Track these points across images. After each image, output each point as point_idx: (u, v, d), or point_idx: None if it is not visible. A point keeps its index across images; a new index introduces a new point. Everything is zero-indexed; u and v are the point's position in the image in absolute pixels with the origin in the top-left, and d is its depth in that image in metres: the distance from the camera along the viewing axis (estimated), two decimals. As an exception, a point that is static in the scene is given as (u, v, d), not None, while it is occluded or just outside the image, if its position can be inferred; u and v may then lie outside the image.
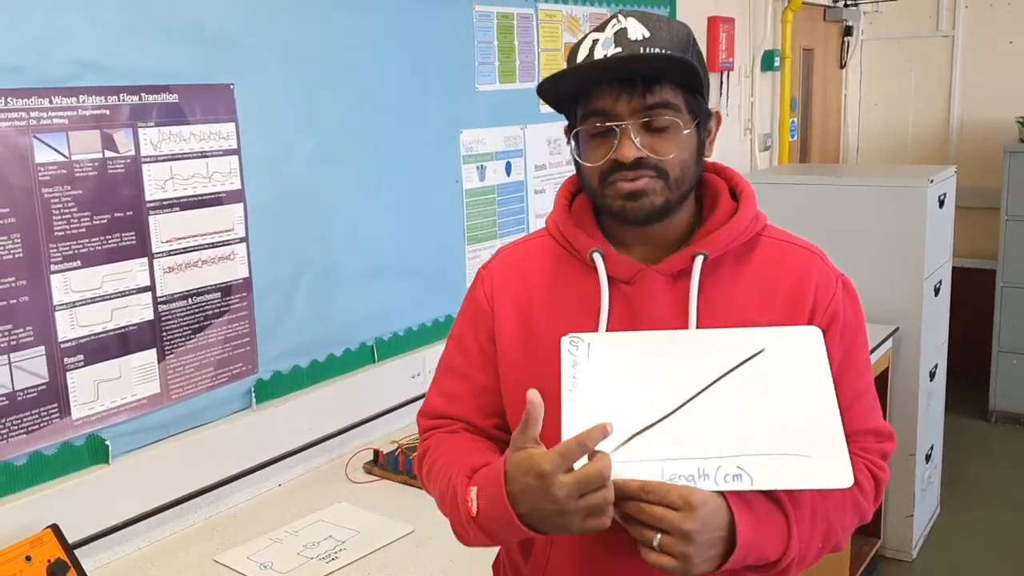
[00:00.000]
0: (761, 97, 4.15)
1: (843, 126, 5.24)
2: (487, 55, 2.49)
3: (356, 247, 2.15)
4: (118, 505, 1.68)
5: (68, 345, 1.61)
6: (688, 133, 1.13)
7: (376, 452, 2.05)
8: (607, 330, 1.15)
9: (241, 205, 1.89)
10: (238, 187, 1.88)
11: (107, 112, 1.64)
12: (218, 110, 1.82)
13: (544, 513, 1.00)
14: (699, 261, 1.15)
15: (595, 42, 1.12)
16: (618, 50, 1.11)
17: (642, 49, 1.11)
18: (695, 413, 1.07)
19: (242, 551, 1.71)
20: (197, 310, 1.82)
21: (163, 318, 1.76)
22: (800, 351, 1.10)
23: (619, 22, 1.13)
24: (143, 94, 1.69)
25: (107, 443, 1.68)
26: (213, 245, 1.85)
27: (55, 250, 1.58)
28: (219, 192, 1.84)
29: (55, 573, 1.45)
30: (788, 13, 4.18)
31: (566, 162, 2.81)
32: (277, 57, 1.93)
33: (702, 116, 1.16)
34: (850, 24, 4.96)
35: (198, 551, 1.72)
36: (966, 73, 4.97)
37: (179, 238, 1.78)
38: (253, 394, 1.95)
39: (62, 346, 1.60)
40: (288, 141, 1.98)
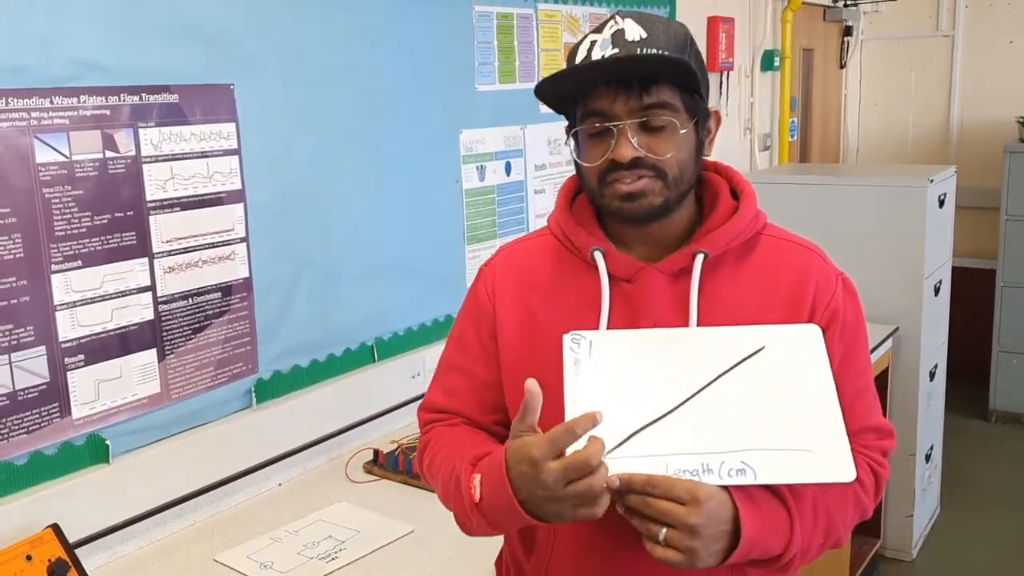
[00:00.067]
0: (761, 97, 4.15)
1: (843, 126, 5.24)
2: (487, 55, 2.49)
3: (356, 247, 2.15)
4: (118, 505, 1.69)
5: (69, 345, 1.62)
6: (686, 132, 1.13)
7: (376, 452, 2.05)
8: (608, 328, 1.15)
9: (241, 205, 1.89)
10: (238, 187, 1.88)
11: (108, 112, 1.64)
12: (218, 110, 1.83)
13: (539, 500, 1.01)
14: (699, 260, 1.16)
15: (593, 43, 1.13)
16: (615, 51, 1.11)
17: (639, 50, 1.11)
18: (697, 409, 1.07)
19: (242, 551, 1.71)
20: (197, 310, 1.83)
21: (163, 318, 1.77)
22: (800, 349, 1.11)
23: (617, 23, 1.14)
24: (144, 94, 1.69)
25: (107, 443, 1.68)
26: (213, 245, 1.85)
27: (56, 250, 1.58)
28: (219, 192, 1.84)
29: (55, 572, 1.45)
30: (788, 13, 4.18)
31: (566, 162, 2.81)
32: (277, 57, 1.93)
33: (700, 115, 1.16)
34: (850, 24, 4.96)
35: (198, 551, 1.72)
36: (966, 73, 4.97)
37: (179, 238, 1.78)
38: (253, 394, 1.95)
39: (63, 346, 1.61)
40: (288, 141, 1.98)
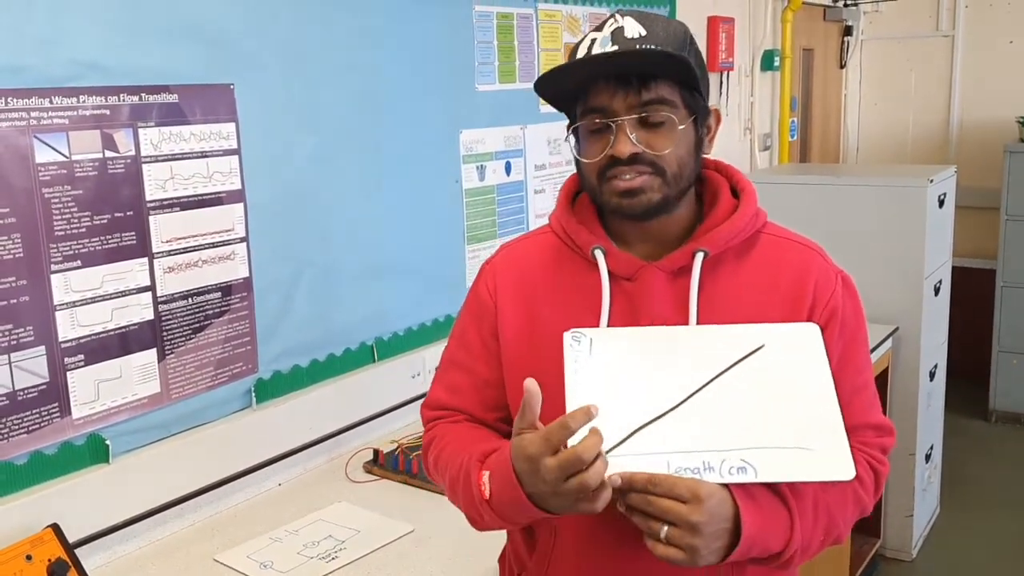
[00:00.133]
0: (761, 97, 4.15)
1: (843, 126, 5.24)
2: (487, 55, 2.49)
3: (356, 247, 2.15)
4: (118, 504, 1.69)
5: (68, 345, 1.62)
6: (684, 129, 1.14)
7: (376, 452, 2.05)
8: (608, 326, 1.16)
9: (241, 205, 1.89)
10: (238, 187, 1.88)
11: (107, 112, 1.64)
12: (218, 110, 1.83)
13: (543, 494, 1.03)
14: (699, 258, 1.16)
15: (593, 41, 1.14)
16: (615, 48, 1.12)
17: (638, 47, 1.12)
18: (698, 408, 1.08)
19: (242, 550, 1.71)
20: (197, 310, 1.83)
21: (163, 318, 1.77)
22: (799, 347, 1.12)
23: (616, 21, 1.14)
24: (143, 94, 1.69)
25: (107, 443, 1.69)
26: (213, 245, 1.85)
27: (55, 250, 1.58)
28: (219, 192, 1.85)
29: (55, 572, 1.45)
30: (788, 13, 4.18)
31: (566, 162, 2.81)
32: (277, 57, 1.93)
33: (700, 113, 1.17)
34: (850, 24, 4.96)
35: (198, 550, 1.72)
36: (966, 73, 4.97)
37: (179, 238, 1.78)
38: (253, 394, 1.95)
39: (62, 346, 1.61)
40: (288, 141, 1.98)
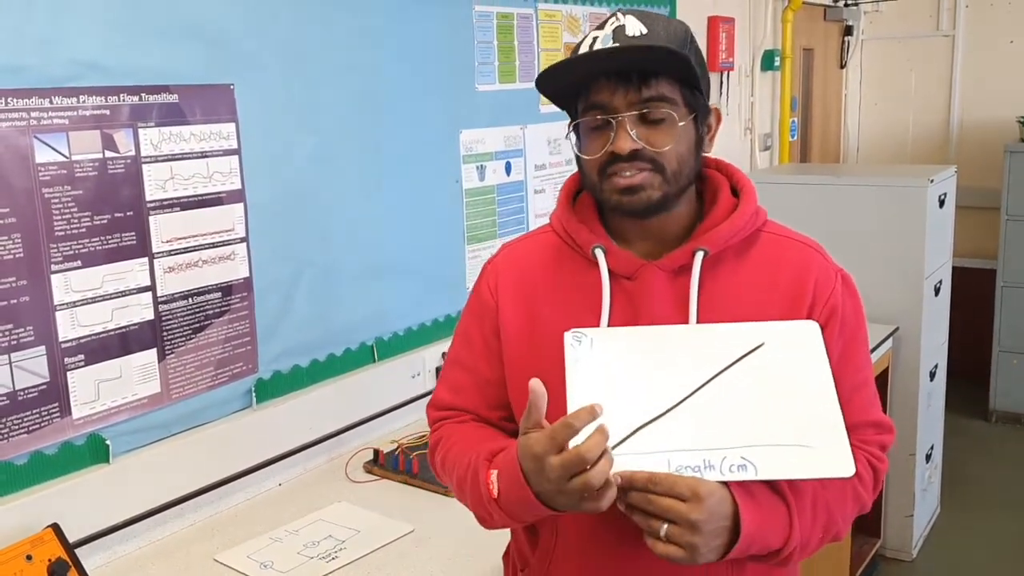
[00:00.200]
0: (761, 97, 4.15)
1: (843, 126, 5.24)
2: (487, 55, 2.49)
3: (356, 247, 2.15)
4: (118, 504, 1.69)
5: (69, 345, 1.62)
6: (684, 126, 1.15)
7: (376, 452, 2.05)
8: (608, 325, 1.16)
9: (241, 205, 1.89)
10: (238, 187, 1.88)
11: (107, 112, 1.64)
12: (218, 110, 1.83)
13: (549, 493, 1.04)
14: (699, 257, 1.17)
15: (595, 39, 1.15)
16: (615, 46, 1.12)
17: (639, 45, 1.12)
18: (698, 406, 1.09)
19: (242, 550, 1.71)
20: (197, 310, 1.83)
21: (163, 318, 1.77)
22: (799, 345, 1.12)
23: (618, 19, 1.15)
24: (143, 94, 1.69)
25: (107, 443, 1.69)
26: (213, 245, 1.85)
27: (55, 250, 1.58)
28: (219, 192, 1.85)
29: (56, 572, 1.45)
30: (788, 13, 4.18)
31: (566, 162, 2.81)
32: (277, 57, 1.93)
33: (700, 111, 1.17)
34: (850, 24, 4.96)
35: (198, 550, 1.72)
36: (966, 73, 4.97)
37: (179, 238, 1.78)
38: (253, 394, 1.95)
39: (63, 346, 1.61)
40: (288, 141, 1.98)
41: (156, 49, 1.71)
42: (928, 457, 3.53)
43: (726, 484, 1.06)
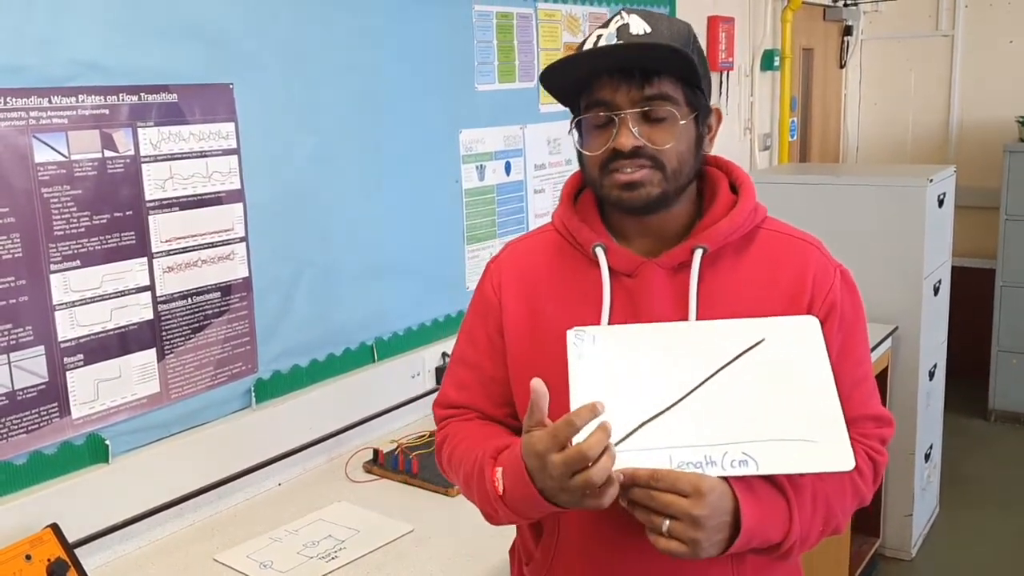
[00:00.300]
0: (761, 97, 4.15)
1: (843, 126, 5.24)
2: (487, 55, 2.49)
3: (356, 247, 2.15)
4: (118, 504, 1.69)
5: (68, 345, 1.61)
6: (685, 125, 1.16)
7: (376, 451, 2.05)
8: (609, 322, 1.18)
9: (241, 205, 1.89)
10: (238, 187, 1.88)
11: (106, 112, 1.64)
12: (217, 110, 1.82)
13: (552, 490, 1.05)
14: (698, 254, 1.18)
15: (599, 37, 1.16)
16: (620, 43, 1.14)
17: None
18: (699, 402, 1.10)
19: (242, 550, 1.71)
20: (197, 310, 1.83)
21: (163, 318, 1.77)
22: (799, 340, 1.13)
23: (622, 18, 1.17)
24: (142, 94, 1.69)
25: (107, 442, 1.68)
26: (213, 245, 1.85)
27: (55, 250, 1.58)
28: (219, 192, 1.84)
29: (55, 572, 1.45)
30: (788, 13, 4.18)
31: (565, 162, 2.81)
32: (277, 57, 1.93)
33: (701, 111, 1.19)
34: (850, 24, 4.95)
35: (198, 550, 1.72)
36: (966, 73, 4.97)
37: (179, 238, 1.78)
38: (253, 394, 1.95)
39: (62, 346, 1.61)
40: (288, 141, 1.98)
41: (156, 49, 1.71)
42: (927, 456, 3.53)
43: (726, 479, 1.07)
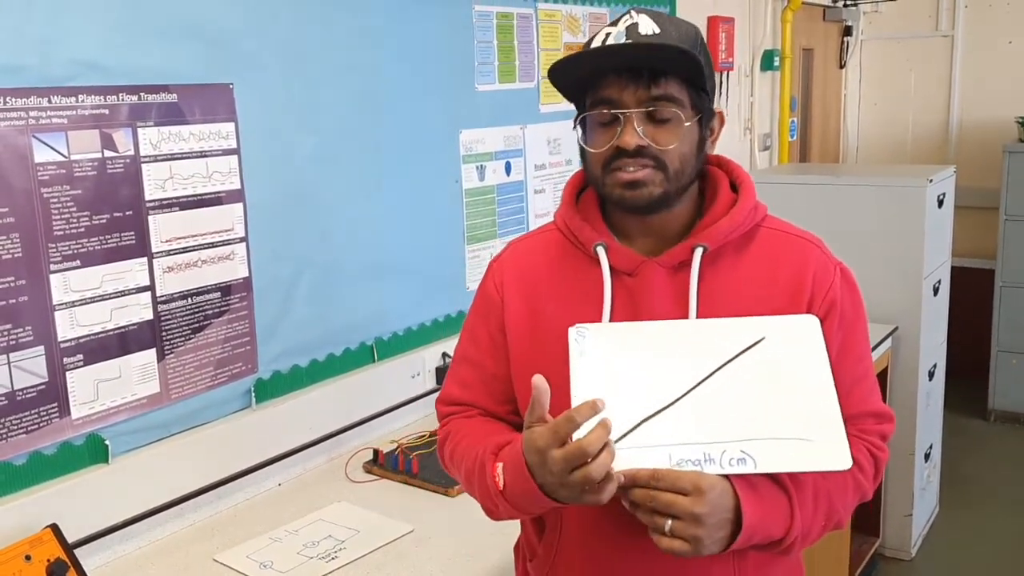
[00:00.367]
0: (761, 97, 4.15)
1: (843, 126, 5.24)
2: (487, 55, 2.49)
3: (356, 247, 2.15)
4: (118, 504, 1.68)
5: (68, 345, 1.61)
6: (689, 127, 1.17)
7: (376, 451, 2.05)
8: (610, 320, 1.19)
9: (241, 205, 1.89)
10: (238, 187, 1.88)
11: (106, 112, 1.64)
12: (217, 110, 1.82)
13: (551, 485, 1.06)
14: (699, 253, 1.19)
15: (608, 35, 1.17)
16: (628, 42, 1.15)
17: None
18: (699, 400, 1.10)
19: (242, 550, 1.71)
20: (197, 310, 1.83)
21: (163, 318, 1.76)
22: (799, 339, 1.14)
23: (632, 17, 1.17)
24: (142, 94, 1.69)
25: (107, 443, 1.68)
26: (213, 245, 1.85)
27: (54, 250, 1.58)
28: (219, 192, 1.84)
29: (55, 572, 1.45)
30: (788, 13, 4.18)
31: (565, 162, 2.81)
32: (277, 57, 1.93)
33: (705, 113, 1.20)
34: (850, 24, 4.96)
35: (198, 550, 1.72)
36: (965, 73, 4.97)
37: (179, 238, 1.78)
38: (253, 394, 1.95)
39: (61, 346, 1.61)
40: (288, 141, 1.98)
41: (155, 49, 1.71)
42: (927, 456, 3.53)
43: (728, 478, 1.07)
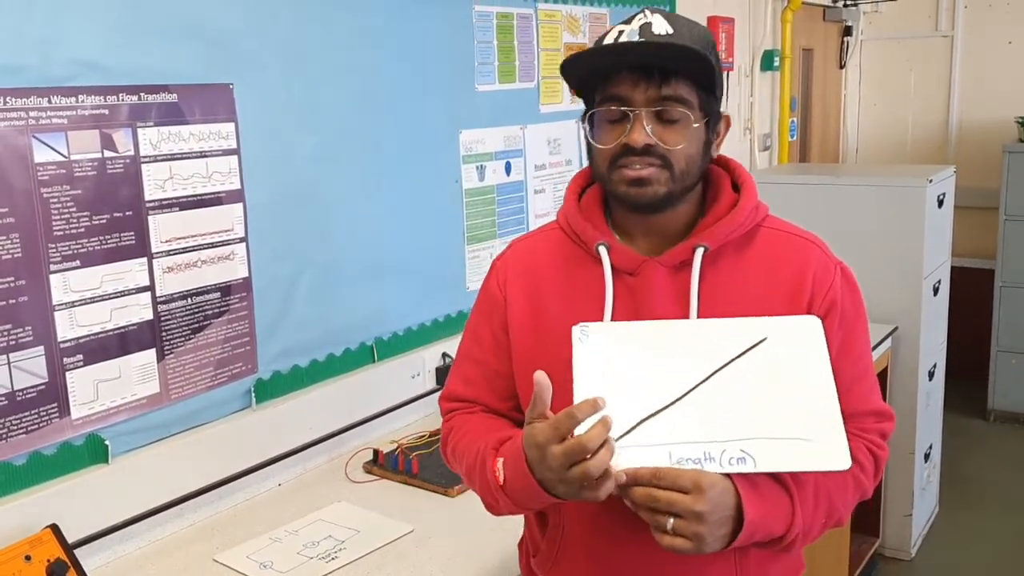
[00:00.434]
0: (761, 97, 4.15)
1: (842, 126, 5.24)
2: (487, 55, 2.49)
3: (356, 247, 2.15)
4: (118, 505, 1.68)
5: (67, 345, 1.61)
6: (697, 128, 1.18)
7: (376, 452, 2.05)
8: (612, 320, 1.19)
9: (240, 205, 1.89)
10: (237, 187, 1.88)
11: (106, 112, 1.64)
12: (217, 110, 1.82)
13: (550, 481, 1.07)
14: (699, 253, 1.20)
15: (621, 32, 1.18)
16: (642, 40, 1.15)
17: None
18: (700, 400, 1.11)
19: (242, 550, 1.71)
20: (196, 310, 1.82)
21: (162, 318, 1.76)
22: (800, 339, 1.14)
23: (646, 16, 1.18)
24: (142, 94, 1.69)
25: (107, 443, 1.68)
26: (212, 245, 1.85)
27: (54, 250, 1.58)
28: (218, 192, 1.84)
29: (54, 573, 1.45)
30: (788, 13, 4.18)
31: (565, 162, 2.81)
32: (277, 57, 1.93)
33: (712, 116, 1.21)
34: (850, 24, 4.95)
35: (198, 550, 1.72)
36: (965, 73, 4.97)
37: (178, 238, 1.78)
38: (253, 394, 1.95)
39: (61, 346, 1.60)
40: (288, 141, 1.98)
41: (155, 49, 1.70)
42: (927, 456, 3.53)
43: (729, 476, 1.08)
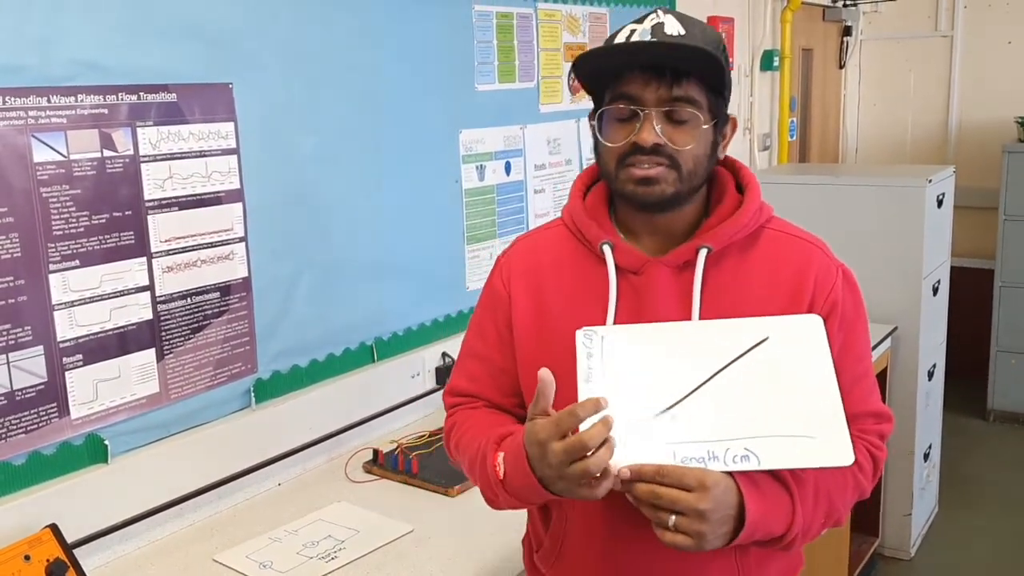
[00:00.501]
0: (760, 97, 4.15)
1: (842, 126, 5.24)
2: (486, 55, 2.49)
3: (356, 247, 2.15)
4: (117, 504, 1.68)
5: (67, 345, 1.61)
6: (706, 129, 1.18)
7: (376, 451, 2.05)
8: (614, 319, 1.20)
9: (240, 205, 1.89)
10: (237, 187, 1.88)
11: (106, 111, 1.64)
12: (217, 109, 1.82)
13: (549, 478, 1.08)
14: (703, 254, 1.21)
15: (632, 31, 1.18)
16: (655, 40, 1.16)
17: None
18: (704, 399, 1.12)
19: (241, 550, 1.70)
20: (196, 310, 1.82)
21: (162, 318, 1.76)
22: (802, 339, 1.15)
23: (658, 16, 1.19)
24: (142, 93, 1.69)
25: (106, 443, 1.68)
26: (212, 245, 1.84)
27: (53, 250, 1.58)
28: (218, 192, 1.84)
29: (54, 573, 1.45)
30: (787, 13, 4.18)
31: (565, 162, 2.80)
32: (277, 57, 1.93)
33: (720, 118, 1.21)
34: (849, 24, 4.96)
35: (197, 550, 1.72)
36: (965, 73, 4.97)
37: (178, 238, 1.78)
38: (252, 394, 1.95)
39: (61, 346, 1.60)
40: (288, 141, 1.97)
41: (155, 49, 1.70)
42: (926, 456, 3.53)
43: (731, 475, 1.09)
